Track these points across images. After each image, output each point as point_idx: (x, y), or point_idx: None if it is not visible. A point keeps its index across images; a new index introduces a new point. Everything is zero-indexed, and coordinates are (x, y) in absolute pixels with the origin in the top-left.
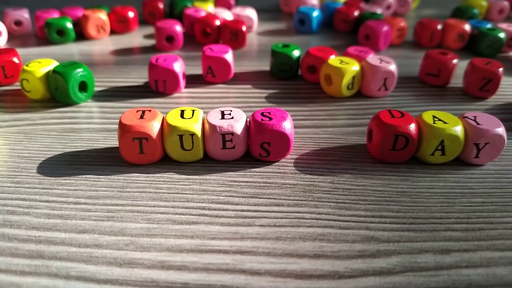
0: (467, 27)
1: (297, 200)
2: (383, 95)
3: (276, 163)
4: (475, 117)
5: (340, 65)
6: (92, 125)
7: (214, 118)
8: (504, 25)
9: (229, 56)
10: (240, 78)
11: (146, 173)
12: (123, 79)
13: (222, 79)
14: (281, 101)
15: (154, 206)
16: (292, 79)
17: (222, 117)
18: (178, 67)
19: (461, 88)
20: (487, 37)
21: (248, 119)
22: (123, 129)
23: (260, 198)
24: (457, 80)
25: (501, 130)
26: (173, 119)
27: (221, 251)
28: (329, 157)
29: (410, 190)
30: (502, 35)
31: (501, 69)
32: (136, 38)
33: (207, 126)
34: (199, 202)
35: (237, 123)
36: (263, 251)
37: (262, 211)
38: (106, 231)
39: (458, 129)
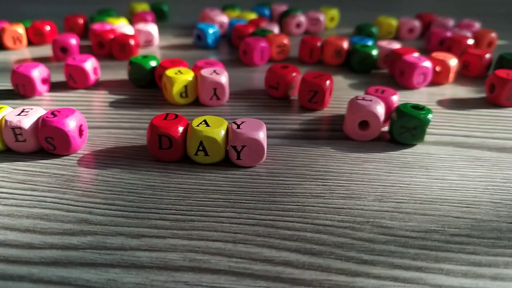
0: (345, 44)
1: (53, 187)
2: (216, 104)
3: (66, 157)
4: (242, 122)
5: (173, 75)
6: None
7: (11, 114)
8: (384, 43)
9: (88, 65)
10: (103, 85)
11: None
12: (5, 84)
13: (82, 85)
14: (123, 106)
15: None
16: (150, 87)
17: (19, 114)
18: (37, 73)
19: None
20: (358, 54)
21: None
22: None
23: (23, 183)
24: None
25: (259, 135)
26: None
27: None
28: (116, 154)
29: (159, 184)
30: (374, 52)
31: (328, 82)
32: (51, 49)
33: (3, 121)
34: None
35: (27, 119)
36: None
37: (15, 194)
38: None
39: (218, 132)
